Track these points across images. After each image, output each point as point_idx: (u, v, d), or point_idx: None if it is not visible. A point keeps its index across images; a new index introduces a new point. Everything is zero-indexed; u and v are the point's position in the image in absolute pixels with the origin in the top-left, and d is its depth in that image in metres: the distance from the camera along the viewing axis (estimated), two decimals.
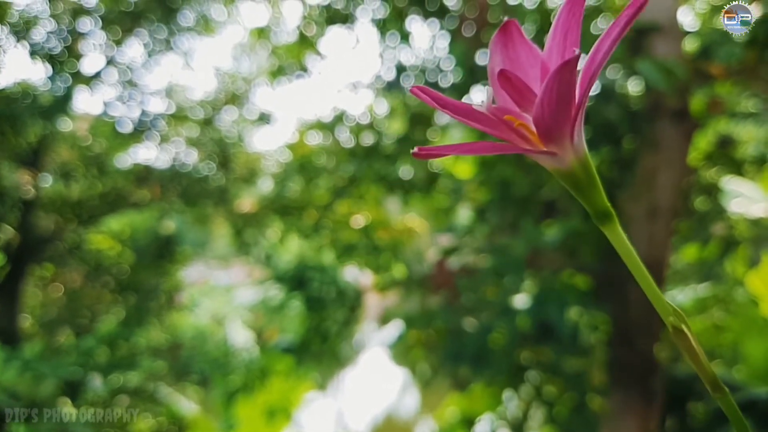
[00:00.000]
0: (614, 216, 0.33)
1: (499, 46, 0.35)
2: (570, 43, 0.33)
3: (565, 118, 0.30)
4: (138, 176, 3.74)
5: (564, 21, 0.33)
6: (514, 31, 0.35)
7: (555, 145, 0.31)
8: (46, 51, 2.90)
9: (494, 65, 0.35)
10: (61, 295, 3.91)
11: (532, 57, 0.35)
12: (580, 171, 0.33)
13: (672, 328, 0.32)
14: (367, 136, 2.95)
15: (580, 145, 0.32)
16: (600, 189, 0.33)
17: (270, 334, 5.95)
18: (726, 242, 2.65)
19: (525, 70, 0.34)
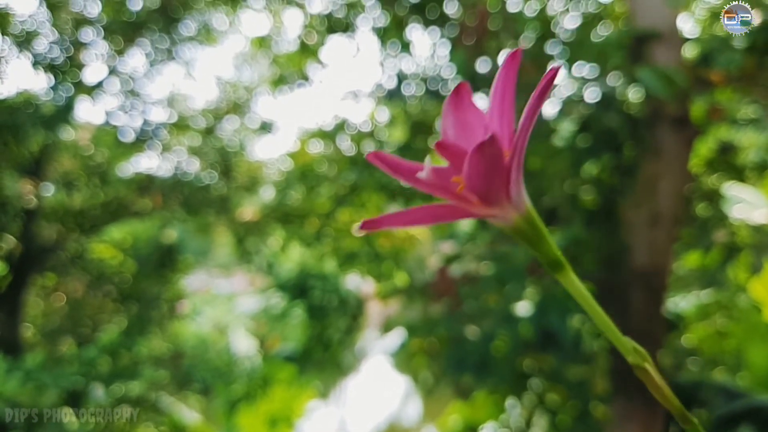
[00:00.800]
0: (565, 264, 0.34)
1: (451, 109, 0.37)
2: (507, 107, 0.35)
3: (497, 184, 0.33)
4: (140, 185, 3.75)
5: (501, 85, 0.36)
6: (465, 96, 0.37)
7: (495, 207, 0.34)
8: (49, 61, 2.92)
9: (446, 126, 0.37)
10: (63, 305, 3.91)
11: (479, 119, 0.37)
12: (524, 226, 0.35)
13: (634, 366, 0.33)
14: (369, 144, 2.95)
15: (520, 202, 0.34)
16: (548, 239, 0.35)
17: (272, 343, 5.94)
18: (728, 249, 2.65)
19: (473, 132, 0.37)
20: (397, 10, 2.58)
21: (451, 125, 0.37)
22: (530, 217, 0.35)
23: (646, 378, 0.33)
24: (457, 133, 0.37)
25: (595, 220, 2.23)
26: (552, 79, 0.31)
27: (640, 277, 2.20)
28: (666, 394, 0.33)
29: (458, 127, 0.37)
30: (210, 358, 4.37)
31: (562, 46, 2.21)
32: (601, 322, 0.34)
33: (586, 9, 2.53)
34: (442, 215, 0.35)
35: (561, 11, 2.49)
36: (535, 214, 0.35)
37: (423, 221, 0.35)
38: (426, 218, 0.35)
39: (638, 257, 2.20)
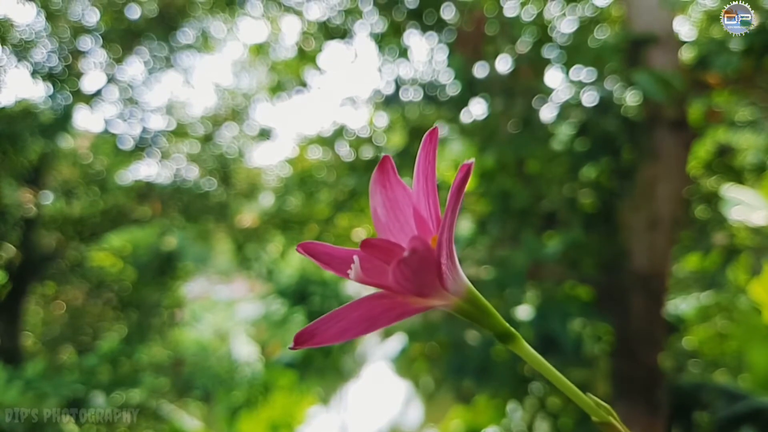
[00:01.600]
0: (516, 336, 0.34)
1: (378, 186, 0.36)
2: (430, 188, 0.35)
3: (429, 280, 0.31)
4: (139, 193, 3.75)
5: (423, 167, 0.35)
6: (390, 171, 0.36)
7: (434, 299, 0.33)
8: (47, 70, 2.92)
9: (375, 204, 0.36)
10: (63, 313, 3.90)
11: (407, 197, 0.36)
12: (466, 307, 0.34)
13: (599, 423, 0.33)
14: (367, 150, 2.95)
15: (459, 286, 0.33)
16: (494, 314, 0.34)
17: (272, 349, 5.93)
18: (727, 251, 2.65)
19: (403, 210, 0.36)
20: (395, 15, 2.59)
21: (381, 204, 0.36)
22: (471, 297, 0.34)
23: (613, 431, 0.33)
24: (387, 213, 0.36)
25: (594, 224, 2.23)
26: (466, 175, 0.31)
27: (640, 280, 2.20)
28: None
29: (387, 206, 0.36)
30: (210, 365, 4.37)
31: (559, 50, 2.22)
32: (560, 383, 0.33)
33: (583, 13, 2.54)
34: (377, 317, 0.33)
35: (558, 15, 2.50)
36: (476, 293, 0.34)
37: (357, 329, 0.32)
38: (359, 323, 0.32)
39: (638, 260, 2.20)
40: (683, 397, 2.43)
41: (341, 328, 0.32)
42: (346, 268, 0.33)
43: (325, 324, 0.33)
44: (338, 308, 0.33)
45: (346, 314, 0.33)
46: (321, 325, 0.33)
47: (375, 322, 0.33)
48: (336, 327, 0.33)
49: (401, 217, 0.36)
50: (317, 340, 0.32)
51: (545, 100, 2.27)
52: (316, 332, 0.32)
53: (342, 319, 0.33)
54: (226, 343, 5.23)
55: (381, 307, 0.33)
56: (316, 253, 0.35)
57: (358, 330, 0.32)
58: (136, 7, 3.24)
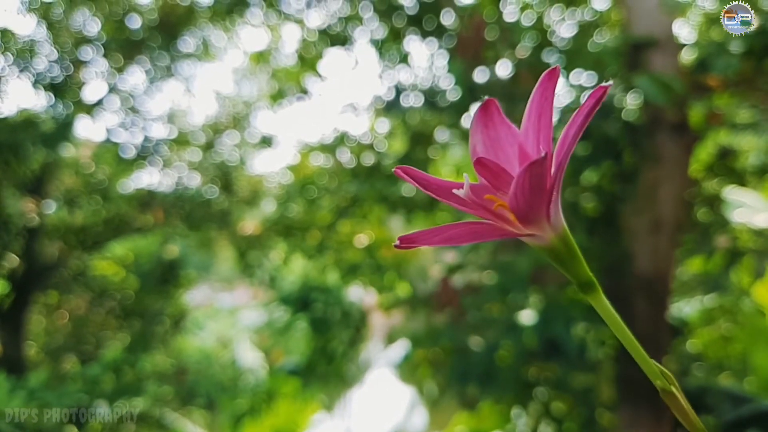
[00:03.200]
0: (597, 286, 0.34)
1: (480, 126, 0.36)
2: (544, 125, 0.34)
3: (540, 204, 0.32)
4: (141, 201, 3.75)
5: (537, 104, 0.34)
6: (494, 111, 0.36)
7: (533, 226, 0.33)
8: (49, 80, 2.93)
9: (475, 143, 0.36)
10: (66, 322, 3.90)
11: (511, 136, 0.36)
12: (560, 246, 0.34)
13: (661, 390, 0.33)
14: (368, 156, 2.96)
15: (557, 223, 0.34)
16: (581, 260, 0.34)
17: (276, 357, 5.92)
18: (730, 253, 2.65)
19: (504, 149, 0.36)
20: (395, 22, 2.60)
21: (480, 142, 0.36)
22: (566, 237, 0.34)
23: (672, 402, 0.32)
24: (487, 150, 0.36)
25: (597, 228, 2.23)
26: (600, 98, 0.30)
27: (644, 283, 2.19)
28: (692, 419, 0.33)
29: (488, 144, 0.36)
30: (214, 373, 4.36)
31: (559, 54, 2.22)
32: (630, 345, 0.33)
33: (583, 17, 2.54)
34: (480, 234, 0.33)
35: (557, 20, 2.50)
36: (570, 235, 0.34)
37: (461, 239, 0.33)
38: (463, 236, 0.33)
39: (641, 264, 2.20)
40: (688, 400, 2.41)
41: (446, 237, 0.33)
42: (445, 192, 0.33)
43: (429, 233, 0.33)
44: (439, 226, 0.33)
45: (449, 228, 0.33)
46: (424, 234, 0.33)
47: (480, 236, 0.34)
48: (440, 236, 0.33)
49: (502, 156, 0.36)
50: (420, 243, 0.33)
51: None
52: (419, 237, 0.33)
53: (446, 231, 0.33)
54: (229, 350, 5.22)
55: (485, 227, 0.33)
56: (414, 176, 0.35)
57: (464, 239, 0.33)
58: (136, 17, 3.26)
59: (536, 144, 0.34)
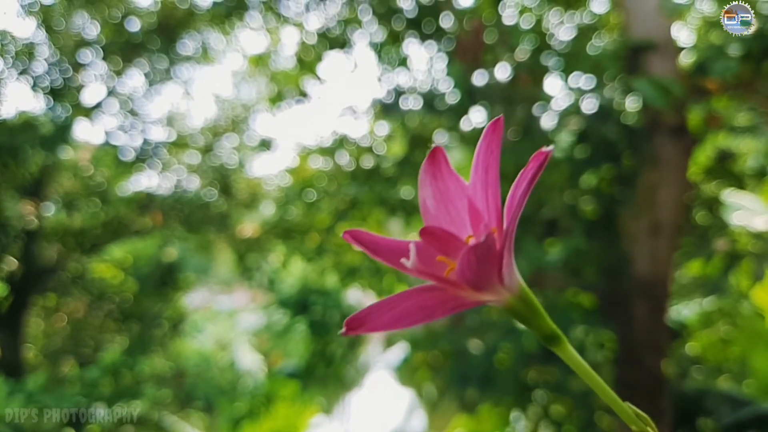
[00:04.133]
0: (562, 338, 0.33)
1: (428, 177, 0.35)
2: (491, 179, 0.33)
3: (490, 273, 0.31)
4: (140, 204, 3.75)
5: (483, 157, 0.33)
6: (442, 161, 0.35)
7: (487, 293, 0.32)
8: (48, 83, 2.93)
9: (425, 196, 0.35)
10: (65, 325, 3.90)
11: (460, 189, 0.35)
12: (519, 305, 0.33)
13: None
14: (368, 159, 2.96)
15: (513, 283, 0.33)
16: (542, 315, 0.33)
17: (274, 360, 5.92)
18: (729, 256, 2.65)
19: (454, 203, 0.35)
20: (394, 25, 2.60)
21: (431, 195, 0.35)
22: (524, 295, 0.33)
23: None
24: (437, 204, 0.35)
25: (596, 231, 2.23)
26: (543, 162, 0.30)
27: (643, 286, 2.19)
28: None
29: (438, 198, 0.35)
30: (212, 376, 4.36)
31: (558, 57, 2.22)
32: (602, 392, 0.32)
33: (581, 20, 2.54)
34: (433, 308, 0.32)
35: (556, 23, 2.50)
36: (528, 292, 0.33)
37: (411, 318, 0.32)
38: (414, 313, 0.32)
39: (640, 267, 2.20)
40: (687, 403, 2.41)
41: (395, 316, 0.32)
42: (394, 257, 0.32)
43: (377, 311, 0.32)
44: (389, 297, 0.32)
45: (398, 303, 0.32)
46: (372, 312, 0.32)
47: (431, 313, 0.32)
48: (389, 315, 0.32)
49: (452, 210, 0.35)
50: (369, 327, 0.31)
51: (545, 107, 2.27)
52: (367, 318, 0.31)
53: (395, 307, 0.32)
54: (228, 353, 5.22)
55: (435, 299, 0.32)
56: (363, 241, 0.34)
57: (412, 319, 0.32)
58: (135, 20, 3.26)
59: (485, 199, 0.33)
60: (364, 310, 0.31)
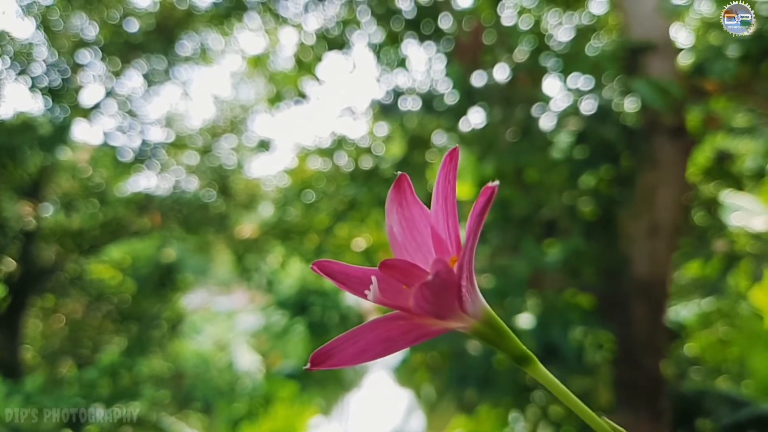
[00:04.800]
0: (532, 359, 0.33)
1: (395, 205, 0.36)
2: (450, 208, 0.34)
3: (449, 303, 0.31)
4: (138, 205, 3.75)
5: (442, 187, 0.34)
6: (407, 189, 0.36)
7: (451, 321, 0.32)
8: (46, 84, 2.93)
9: (391, 223, 0.36)
10: (63, 326, 3.89)
11: (424, 217, 0.36)
12: (484, 330, 0.33)
13: None
14: (366, 160, 2.96)
15: (476, 309, 0.33)
16: (510, 337, 0.34)
17: (273, 360, 5.91)
18: (728, 257, 2.65)
19: (420, 230, 0.36)
20: (393, 25, 2.60)
21: (396, 222, 0.36)
22: (489, 319, 0.33)
23: None
24: (403, 231, 0.36)
25: (595, 232, 2.23)
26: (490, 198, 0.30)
27: (641, 287, 2.19)
28: None
29: (404, 225, 0.36)
30: (211, 377, 4.36)
31: (556, 58, 2.22)
32: (577, 408, 0.32)
33: (580, 21, 2.54)
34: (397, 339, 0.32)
35: (555, 24, 2.51)
36: (494, 316, 0.33)
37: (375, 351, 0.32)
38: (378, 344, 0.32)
39: (638, 267, 2.20)
40: (686, 404, 2.41)
41: (359, 350, 0.32)
42: (363, 287, 0.32)
43: (342, 344, 0.32)
44: (353, 329, 0.32)
45: (362, 335, 0.32)
46: (337, 346, 0.32)
47: (393, 344, 0.32)
48: (353, 348, 0.32)
49: (418, 237, 0.35)
50: (334, 362, 0.32)
51: (544, 108, 2.27)
52: (332, 353, 0.32)
53: (358, 340, 0.32)
54: (227, 354, 5.21)
55: (399, 329, 0.32)
56: (331, 272, 0.34)
57: (375, 352, 0.32)
58: (134, 21, 3.26)
59: (446, 227, 0.34)
60: (329, 344, 0.32)
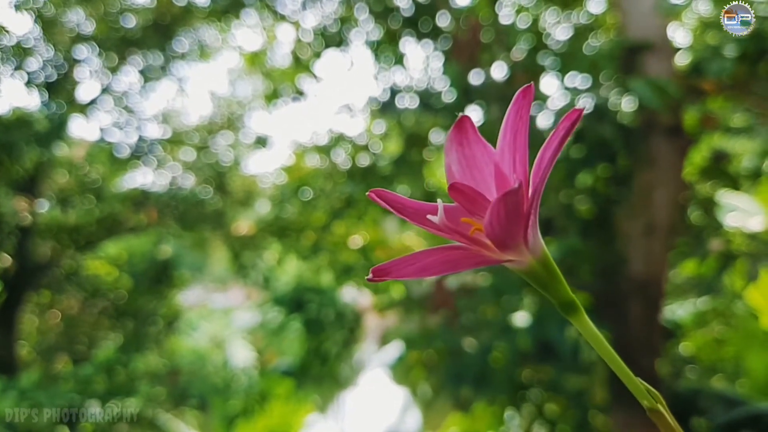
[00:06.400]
0: (579, 306, 0.33)
1: (454, 144, 0.35)
2: (519, 145, 0.33)
3: (517, 230, 0.31)
4: (135, 201, 3.74)
5: (512, 123, 0.34)
6: (469, 129, 0.35)
7: (511, 252, 0.32)
8: (43, 79, 2.92)
9: (450, 162, 0.35)
10: (59, 322, 3.89)
11: (487, 155, 0.35)
12: (540, 269, 0.33)
13: (648, 410, 0.32)
14: (364, 157, 2.95)
15: (536, 246, 0.33)
16: (562, 282, 0.33)
17: (269, 357, 5.91)
18: (724, 257, 2.66)
19: (480, 169, 0.35)
20: (391, 23, 2.60)
21: (456, 161, 0.35)
22: (545, 260, 0.33)
23: (660, 420, 0.32)
24: (463, 170, 0.35)
25: (591, 230, 2.23)
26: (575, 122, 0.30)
27: (637, 286, 2.20)
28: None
29: (463, 164, 0.35)
30: (207, 374, 4.35)
31: (554, 57, 2.22)
32: (615, 365, 0.32)
33: (578, 20, 2.54)
34: (455, 263, 0.33)
35: (553, 23, 2.50)
36: (550, 257, 0.33)
37: (435, 269, 0.32)
38: (437, 266, 0.32)
39: (634, 266, 2.20)
40: (681, 403, 2.42)
41: (420, 267, 0.32)
42: (419, 217, 0.33)
43: (402, 263, 0.32)
44: (411, 254, 0.32)
45: (423, 258, 0.32)
46: (397, 264, 0.32)
47: (455, 265, 0.33)
48: (414, 266, 0.32)
49: (478, 176, 0.35)
50: (394, 275, 0.32)
51: (541, 107, 2.27)
52: (392, 269, 0.32)
53: (419, 260, 0.32)
54: (223, 351, 5.21)
55: (459, 254, 0.32)
56: (389, 200, 0.34)
57: (437, 269, 0.32)
58: (131, 16, 3.25)
59: (512, 164, 0.33)
60: (390, 262, 0.32)
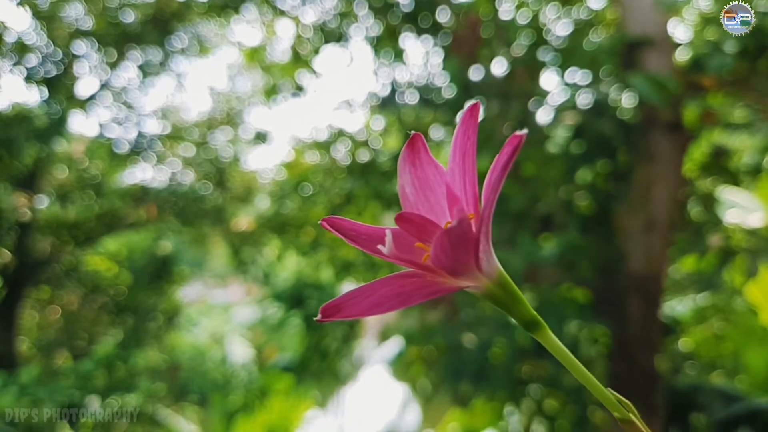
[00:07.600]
0: (542, 323, 0.33)
1: (407, 164, 0.35)
2: (468, 165, 0.33)
3: (466, 258, 0.30)
4: (134, 197, 3.74)
5: (461, 143, 0.33)
6: (421, 148, 0.35)
7: (465, 279, 0.31)
8: (42, 75, 2.92)
9: (404, 183, 0.35)
10: (59, 318, 3.89)
11: (438, 176, 0.35)
12: (498, 291, 0.33)
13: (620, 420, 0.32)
14: (363, 153, 2.95)
15: (491, 269, 0.32)
16: (522, 301, 0.33)
17: (269, 353, 5.92)
18: (723, 253, 2.66)
19: (433, 190, 0.35)
20: (390, 19, 2.59)
21: (409, 183, 0.35)
22: (503, 281, 0.33)
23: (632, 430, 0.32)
24: (416, 191, 0.35)
25: (591, 226, 2.23)
26: (517, 147, 0.29)
27: (637, 282, 2.20)
28: None
29: (416, 185, 0.35)
30: (207, 370, 4.36)
31: (554, 53, 2.22)
32: (584, 378, 0.32)
33: (578, 16, 2.54)
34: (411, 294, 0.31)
35: (553, 18, 2.50)
36: (507, 278, 0.33)
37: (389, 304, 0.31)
38: (392, 298, 0.31)
39: (634, 262, 2.20)
40: (680, 399, 2.43)
41: (372, 303, 0.31)
42: (372, 244, 0.32)
43: (353, 298, 0.31)
44: (365, 284, 0.31)
45: (375, 290, 0.31)
46: (348, 299, 0.31)
47: (408, 299, 0.31)
48: (366, 301, 0.31)
49: (431, 197, 0.35)
50: (345, 314, 0.31)
51: (541, 102, 2.27)
52: (343, 305, 0.31)
53: (371, 294, 0.31)
54: (223, 347, 5.22)
55: (413, 285, 0.31)
56: (341, 228, 0.34)
57: (389, 305, 0.31)
58: (130, 12, 3.24)
59: (463, 185, 0.33)
60: (341, 297, 0.31)
